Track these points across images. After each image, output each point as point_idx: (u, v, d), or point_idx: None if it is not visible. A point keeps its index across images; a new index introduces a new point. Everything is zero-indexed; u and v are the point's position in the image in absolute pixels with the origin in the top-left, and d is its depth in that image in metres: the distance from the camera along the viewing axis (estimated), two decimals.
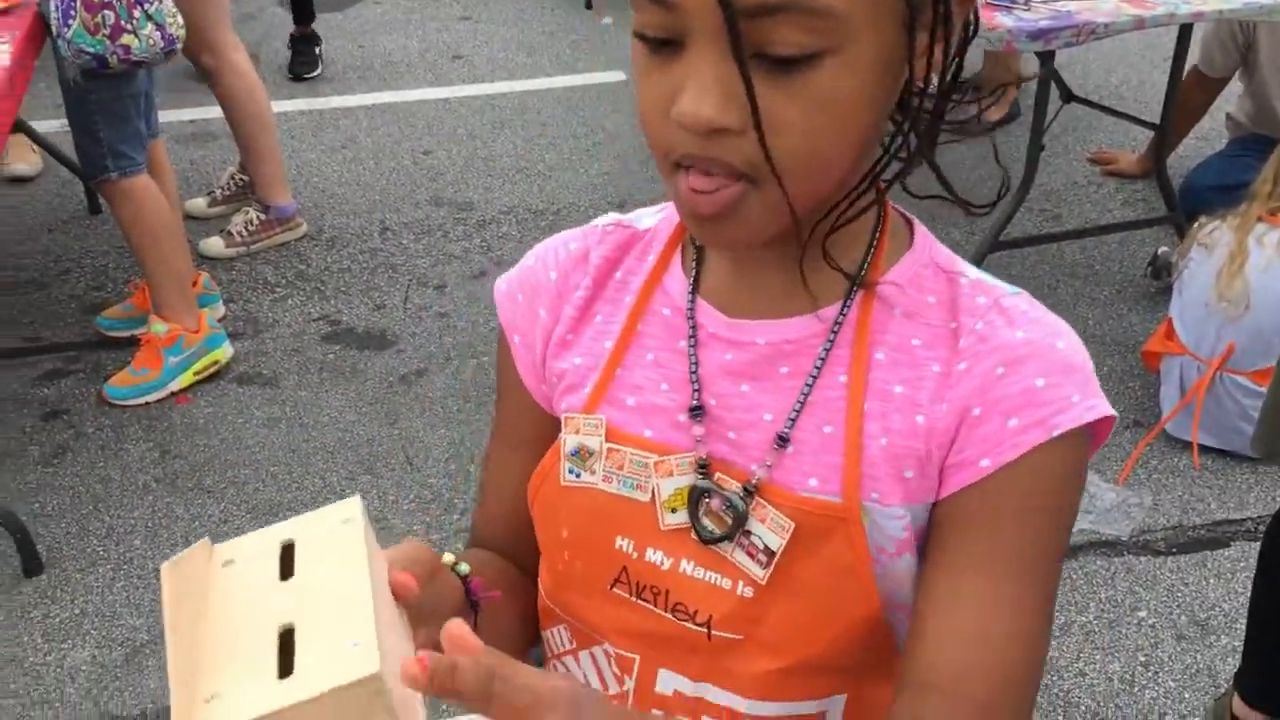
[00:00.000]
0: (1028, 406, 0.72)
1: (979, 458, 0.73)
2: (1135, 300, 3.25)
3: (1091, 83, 4.43)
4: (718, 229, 0.70)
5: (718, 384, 0.78)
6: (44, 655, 2.23)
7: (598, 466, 0.80)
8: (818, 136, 0.66)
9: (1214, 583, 2.37)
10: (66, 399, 2.93)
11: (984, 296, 0.77)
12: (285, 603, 0.61)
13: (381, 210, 3.75)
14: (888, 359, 0.76)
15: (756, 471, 0.76)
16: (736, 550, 0.77)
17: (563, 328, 0.84)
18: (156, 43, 2.62)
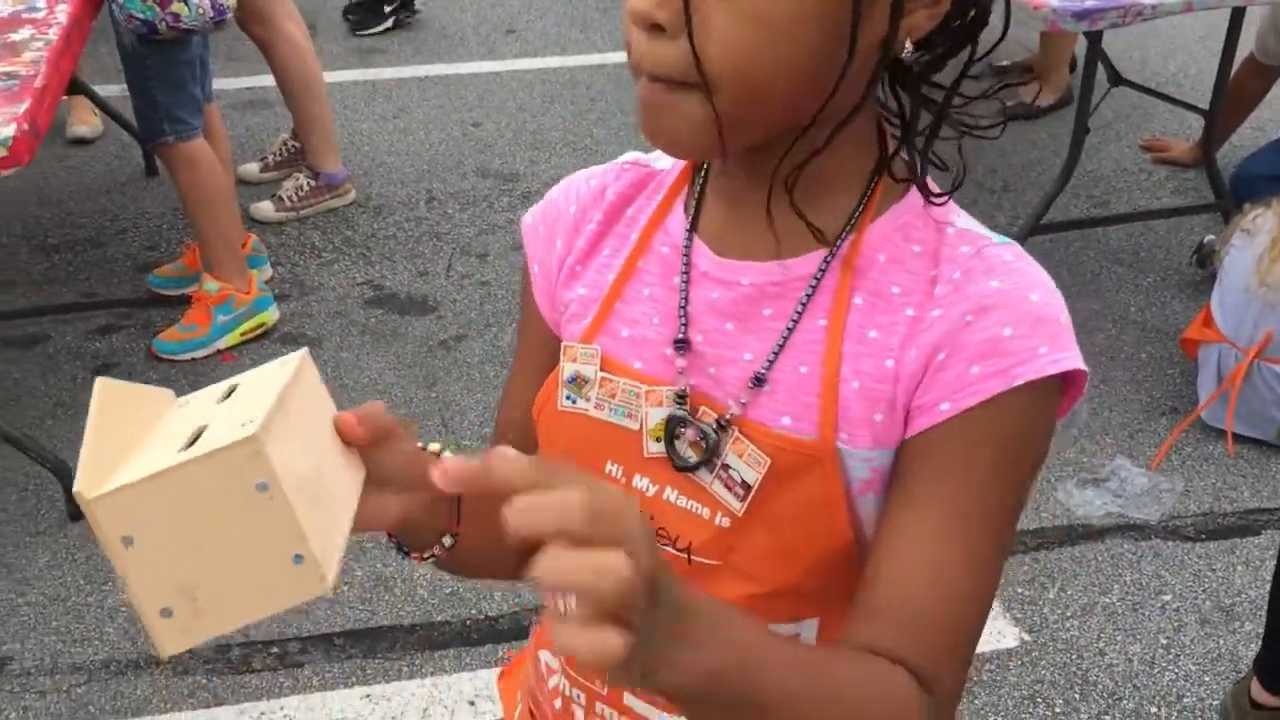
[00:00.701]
0: (992, 355, 0.73)
1: (940, 401, 0.74)
2: (1179, 288, 3.22)
3: (1148, 69, 4.37)
4: (651, 120, 0.73)
5: (705, 320, 0.81)
6: (85, 596, 2.31)
7: (592, 394, 0.83)
8: (749, 51, 0.68)
9: (1241, 570, 2.35)
10: (117, 353, 3.01)
11: (968, 245, 0.77)
12: (208, 415, 0.65)
13: (429, 180, 3.80)
14: (865, 303, 0.77)
15: (732, 407, 0.79)
16: (715, 482, 0.79)
17: (573, 258, 0.87)
18: (206, 11, 2.68)
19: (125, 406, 0.67)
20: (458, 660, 2.17)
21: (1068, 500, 2.51)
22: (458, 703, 2.08)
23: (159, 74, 2.77)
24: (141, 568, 0.61)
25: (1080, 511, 2.49)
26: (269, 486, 0.60)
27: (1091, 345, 2.99)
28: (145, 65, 2.77)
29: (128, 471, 0.61)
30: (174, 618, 0.62)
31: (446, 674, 2.14)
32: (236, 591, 0.62)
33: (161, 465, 0.60)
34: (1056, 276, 0.78)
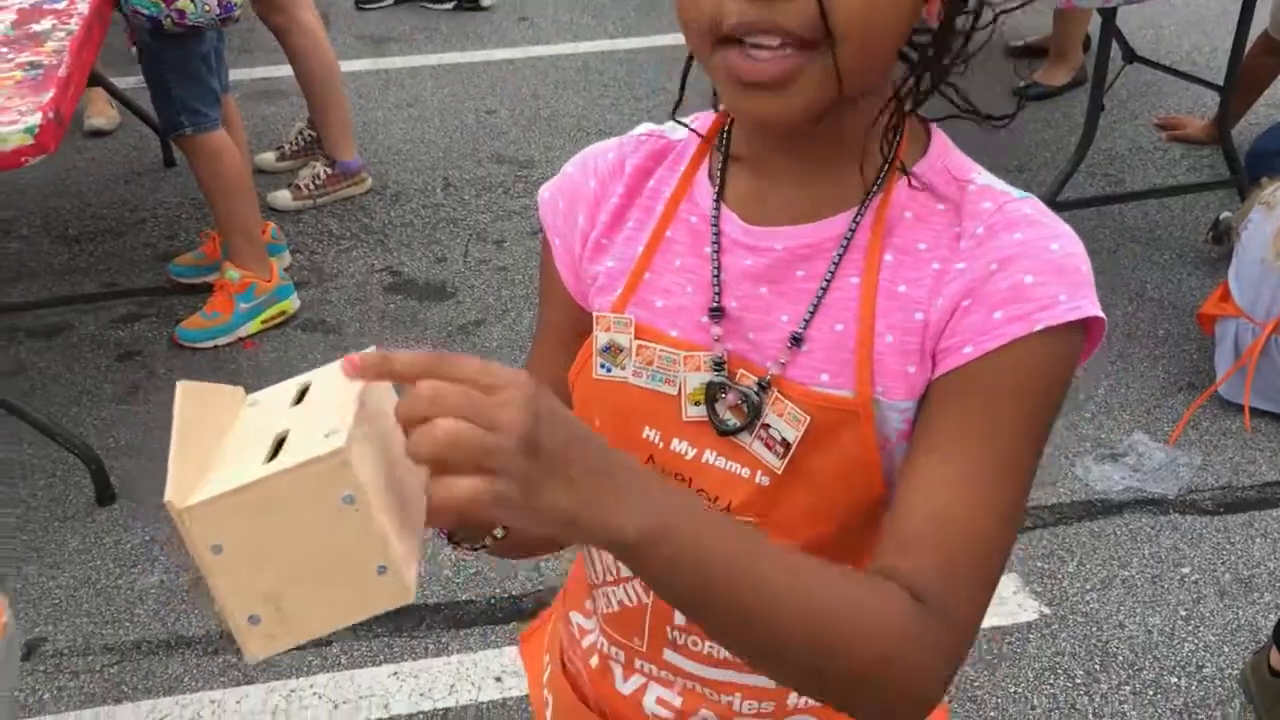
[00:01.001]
0: (1014, 301, 0.75)
1: (963, 345, 0.76)
2: (1195, 265, 3.22)
3: (1163, 48, 4.36)
4: (765, 99, 0.73)
5: (739, 287, 0.82)
6: (115, 579, 2.35)
7: (627, 362, 0.84)
8: (874, 3, 0.70)
9: (1260, 542, 2.36)
10: (140, 341, 3.04)
11: (990, 201, 0.79)
12: (290, 419, 0.66)
13: (444, 167, 3.83)
14: (895, 260, 0.79)
15: (771, 368, 0.80)
16: (755, 442, 0.81)
17: (598, 232, 0.89)
18: (212, 9, 2.69)
19: (203, 408, 0.68)
20: (483, 638, 2.20)
21: (1086, 475, 2.53)
22: (484, 679, 2.11)
23: (174, 68, 2.80)
24: (230, 576, 0.62)
25: (1099, 486, 2.50)
26: (355, 499, 0.61)
27: (1109, 322, 2.99)
28: (160, 59, 2.79)
29: (216, 481, 0.62)
30: (260, 624, 0.63)
31: (472, 651, 2.17)
32: (321, 600, 0.63)
33: (250, 476, 0.61)
34: None
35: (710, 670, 0.89)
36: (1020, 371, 0.75)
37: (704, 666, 0.89)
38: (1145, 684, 2.07)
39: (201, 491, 0.61)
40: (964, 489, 0.74)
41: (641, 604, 0.90)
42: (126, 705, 2.09)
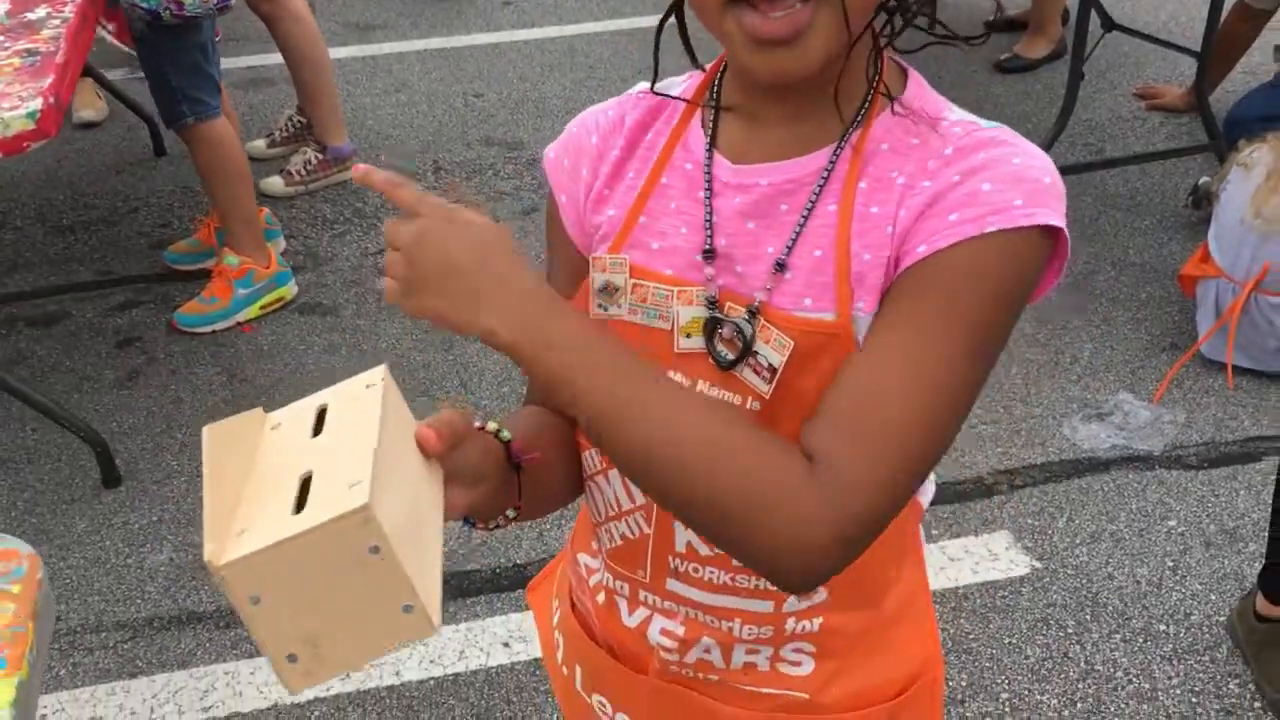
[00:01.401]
0: (969, 205, 0.78)
1: (918, 245, 0.79)
2: (1176, 230, 3.28)
3: (1140, 19, 4.40)
4: (780, 55, 0.78)
5: (728, 225, 0.87)
6: (125, 558, 2.39)
7: (623, 300, 0.89)
8: None
9: (1244, 495, 2.42)
10: (138, 327, 3.08)
11: (960, 129, 0.83)
12: (312, 455, 0.71)
13: (434, 150, 3.86)
14: (869, 186, 0.83)
15: (758, 297, 0.85)
16: (745, 370, 0.86)
17: (600, 183, 0.93)
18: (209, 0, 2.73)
19: (229, 447, 0.73)
20: (489, 606, 2.25)
21: (1074, 435, 2.58)
22: (492, 644, 2.16)
23: (172, 59, 2.82)
24: (268, 622, 0.68)
25: (1086, 445, 2.56)
26: (380, 549, 0.66)
27: (1092, 287, 3.06)
28: (158, 51, 2.81)
29: (250, 535, 0.67)
30: (298, 663, 0.69)
31: (480, 619, 2.22)
32: (353, 639, 0.69)
33: (281, 533, 0.66)
34: None
35: (710, 596, 0.94)
36: (969, 269, 0.78)
37: (705, 593, 0.94)
38: (1135, 632, 2.13)
39: (237, 548, 0.66)
40: (890, 367, 0.77)
41: (644, 535, 0.94)
42: (141, 679, 2.13)
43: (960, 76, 4.11)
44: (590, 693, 1.06)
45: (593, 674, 1.06)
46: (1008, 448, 2.56)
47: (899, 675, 0.99)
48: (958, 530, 2.36)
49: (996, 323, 0.79)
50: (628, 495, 0.94)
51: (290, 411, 0.77)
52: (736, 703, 0.98)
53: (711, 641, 0.96)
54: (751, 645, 0.96)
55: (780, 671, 0.96)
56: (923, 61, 0.88)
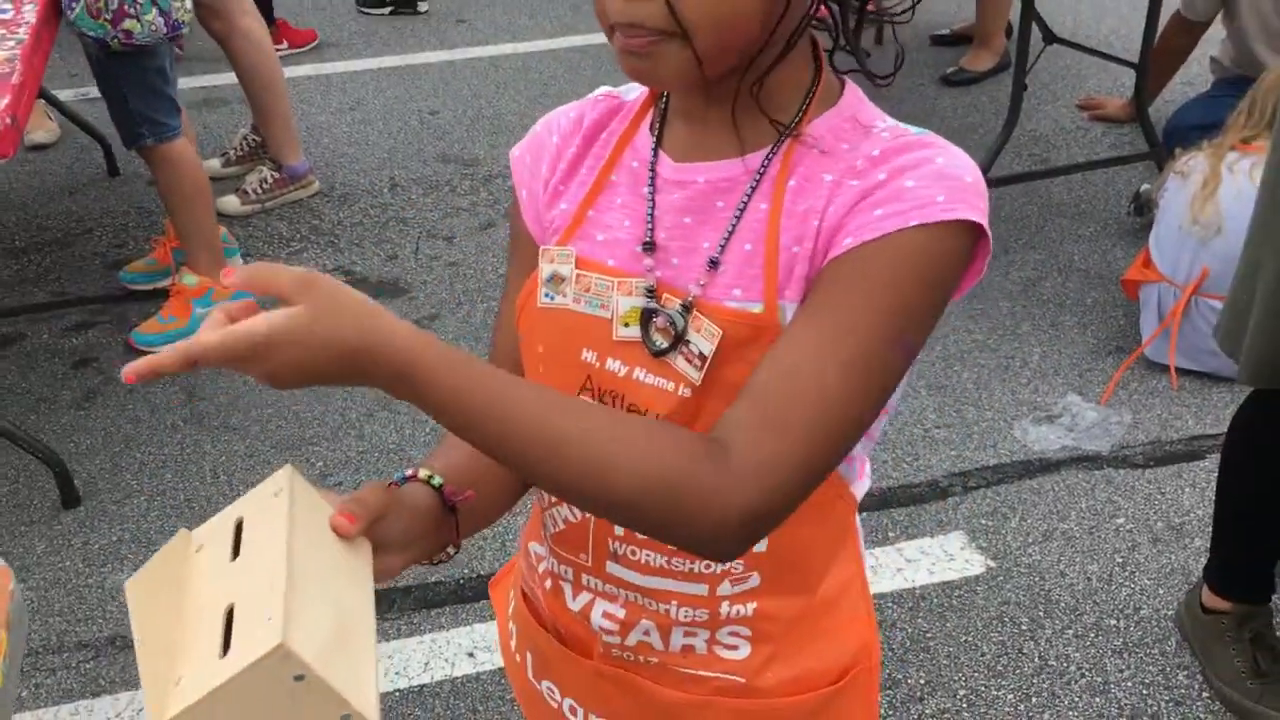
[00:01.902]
0: (894, 200, 0.82)
1: (844, 238, 0.84)
2: (1119, 236, 3.37)
3: (1082, 31, 4.52)
4: (640, 64, 0.84)
5: (667, 219, 0.92)
6: (85, 578, 2.38)
7: (568, 290, 0.94)
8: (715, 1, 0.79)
9: (1189, 492, 2.49)
10: (95, 348, 3.06)
11: (888, 133, 0.89)
12: (232, 583, 0.75)
13: (390, 167, 3.88)
14: (798, 185, 0.88)
15: (692, 289, 0.90)
16: (678, 358, 0.90)
17: (556, 179, 0.99)
18: (159, 28, 2.72)
19: (153, 593, 0.76)
20: (454, 616, 2.26)
21: (1024, 437, 2.65)
22: (457, 655, 2.18)
23: (130, 82, 2.81)
24: None
25: (1036, 446, 2.62)
26: (305, 676, 0.70)
27: (1040, 293, 3.13)
28: (115, 75, 2.81)
29: (185, 685, 0.71)
30: None
31: (444, 630, 2.23)
32: None
33: (212, 682, 0.69)
34: (1003, 230, 0.88)
35: (648, 579, 0.97)
36: (891, 259, 0.81)
37: (642, 576, 0.97)
38: (1087, 627, 2.19)
39: (177, 701, 0.70)
40: (806, 348, 0.81)
41: (584, 518, 0.98)
42: (105, 698, 2.13)
43: (908, 90, 4.19)
44: (540, 679, 1.10)
45: (541, 660, 1.09)
46: (961, 450, 2.62)
47: (836, 661, 1.03)
48: (914, 532, 2.41)
49: (917, 310, 0.82)
50: None
51: (211, 528, 0.80)
52: (676, 685, 1.01)
53: (650, 624, 0.99)
54: (689, 628, 0.99)
55: (717, 655, 1.00)
56: None
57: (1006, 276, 3.18)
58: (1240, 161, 2.65)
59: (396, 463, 2.64)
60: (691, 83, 0.84)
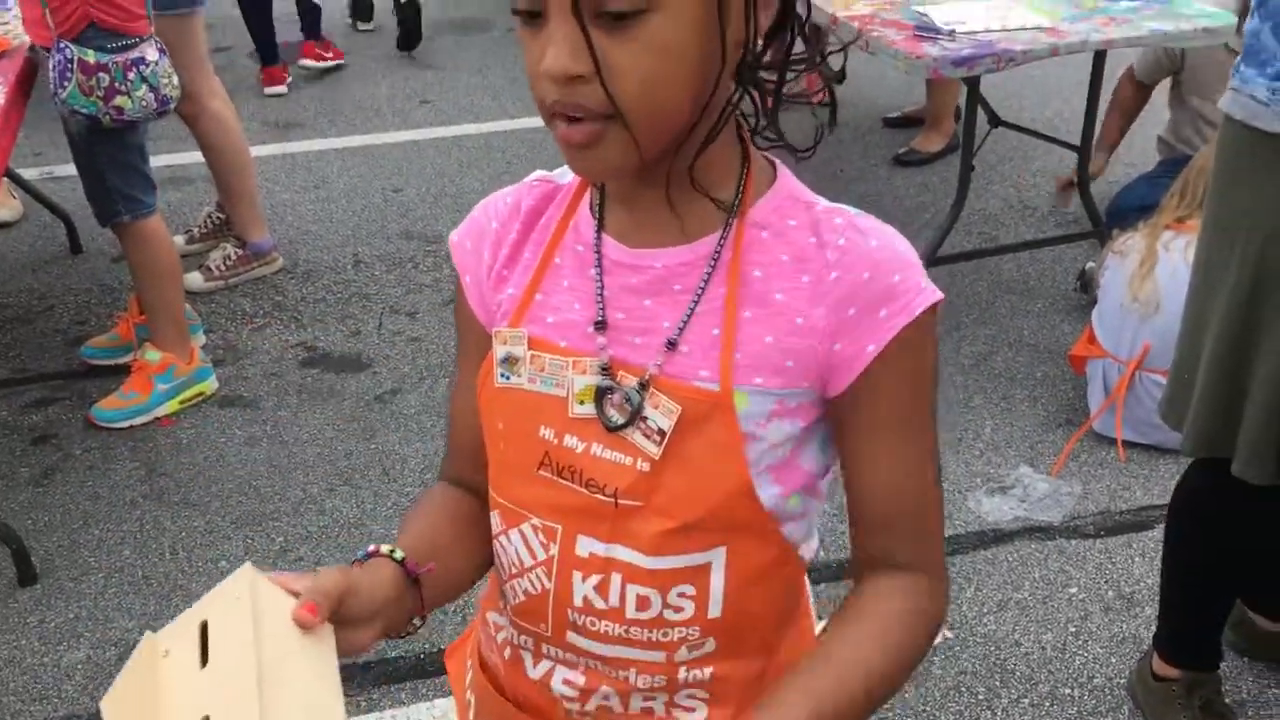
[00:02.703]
0: (892, 298, 0.91)
1: (866, 345, 0.91)
2: (1066, 312, 3.46)
3: (1026, 115, 4.67)
4: (584, 158, 0.88)
5: (623, 301, 0.96)
6: (41, 657, 2.35)
7: (523, 370, 0.98)
8: (653, 81, 0.83)
9: (1139, 561, 2.55)
10: (54, 424, 3.06)
11: (839, 218, 0.95)
12: (204, 694, 0.77)
13: (354, 244, 3.92)
14: (765, 274, 0.93)
15: (650, 368, 0.94)
16: (636, 433, 0.94)
17: (499, 264, 1.02)
18: (150, 104, 2.78)
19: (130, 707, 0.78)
20: (414, 692, 2.26)
21: (978, 508, 2.70)
22: None
23: (109, 160, 2.85)
24: None
25: (990, 517, 2.68)
26: None
27: (991, 367, 3.21)
28: (95, 152, 2.84)
29: None
30: None
31: (404, 705, 2.23)
32: None
33: None
34: (954, 305, 0.98)
35: (607, 648, 1.00)
36: (911, 351, 0.92)
37: (602, 645, 1.00)
38: (1042, 696, 2.22)
39: None
40: (905, 464, 0.95)
41: (545, 590, 1.00)
42: None
43: (861, 170, 4.31)
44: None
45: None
46: None
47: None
48: None
49: (935, 385, 0.98)
50: (529, 552, 1.01)
51: (175, 631, 0.81)
52: None
53: (610, 690, 1.02)
54: (648, 693, 1.02)
55: (676, 717, 1.02)
56: (826, 158, 0.99)
57: (958, 351, 3.26)
58: (1175, 240, 2.75)
59: (358, 538, 2.64)
60: (631, 168, 0.88)
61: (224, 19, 5.94)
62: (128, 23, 2.73)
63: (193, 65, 3.42)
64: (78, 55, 2.67)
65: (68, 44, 2.68)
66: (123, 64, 2.70)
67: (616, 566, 0.97)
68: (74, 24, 2.67)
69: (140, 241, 2.94)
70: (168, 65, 2.82)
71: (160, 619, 2.40)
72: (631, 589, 0.97)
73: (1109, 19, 3.08)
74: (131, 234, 2.93)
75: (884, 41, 2.95)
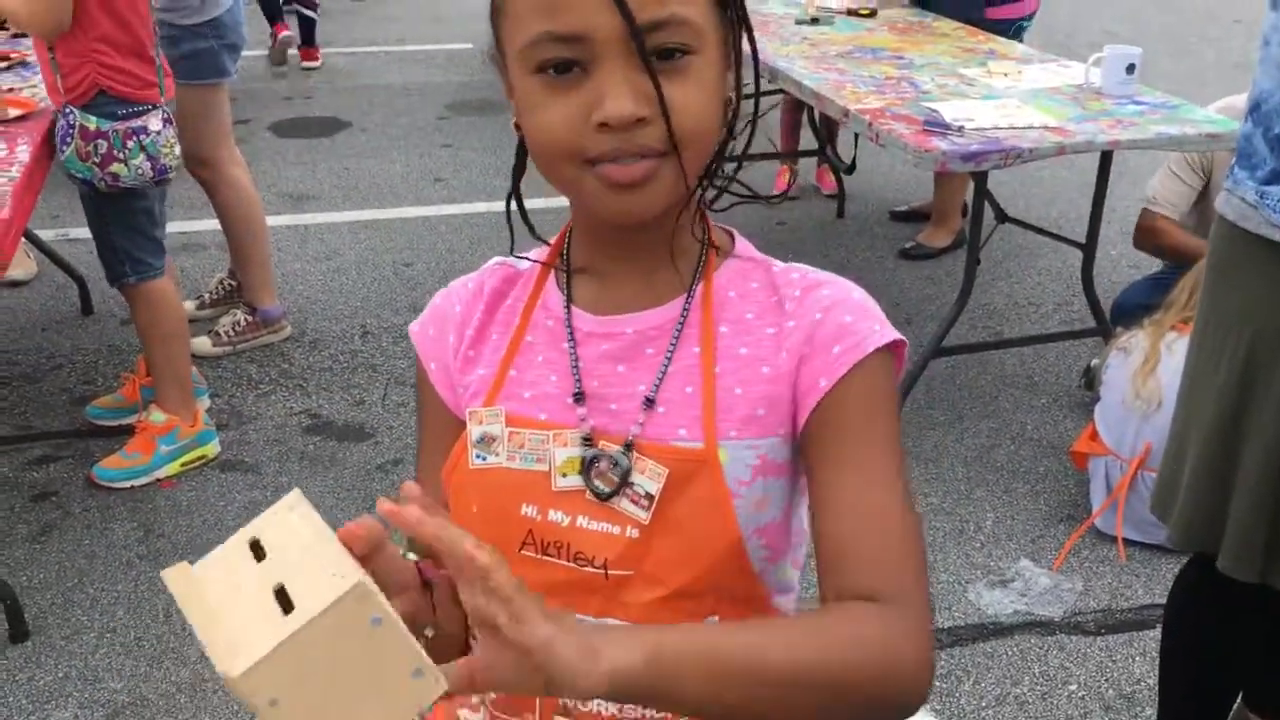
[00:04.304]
0: (844, 336, 0.93)
1: (818, 379, 0.93)
2: (1070, 408, 3.47)
3: (1032, 213, 4.74)
4: (633, 198, 0.89)
5: (598, 369, 0.97)
6: (28, 715, 2.32)
7: (501, 449, 0.97)
8: (703, 115, 0.88)
9: (1139, 660, 2.52)
10: (55, 482, 3.06)
11: (795, 274, 0.99)
12: (270, 573, 0.74)
13: (363, 315, 3.95)
14: (730, 330, 0.96)
15: (632, 430, 0.95)
16: (623, 500, 0.94)
17: (465, 345, 1.02)
18: (146, 173, 2.82)
19: (194, 583, 0.76)
20: None
21: (978, 600, 2.68)
22: None
23: (115, 221, 2.89)
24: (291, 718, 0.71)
25: (990, 611, 2.66)
26: (382, 620, 0.70)
27: (993, 460, 3.21)
28: (102, 214, 2.89)
29: (253, 644, 0.70)
30: None
31: None
32: (373, 711, 0.72)
33: (285, 631, 0.69)
34: (958, 398, 0.99)
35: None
36: (866, 388, 0.93)
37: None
38: None
39: (248, 656, 0.69)
40: (870, 492, 0.90)
41: None
42: None
43: (868, 261, 4.36)
44: None
45: None
46: None
47: None
48: None
49: (896, 422, 0.96)
50: None
51: (219, 553, 0.79)
52: None
53: None
54: None
55: None
56: (832, 248, 1.04)
57: (961, 443, 3.26)
58: (1177, 342, 2.76)
59: None
60: (679, 201, 0.91)
61: (246, 92, 6.07)
62: (138, 90, 2.79)
63: (216, 134, 3.49)
64: (80, 121, 2.73)
65: (73, 109, 2.74)
66: (122, 132, 2.75)
67: None
68: (84, 91, 2.73)
69: (147, 303, 2.97)
70: (171, 136, 2.86)
71: (150, 681, 2.38)
72: None
73: (1115, 121, 3.14)
74: (138, 295, 2.96)
75: (894, 135, 3.01)
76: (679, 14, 0.85)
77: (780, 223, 4.63)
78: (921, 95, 3.35)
